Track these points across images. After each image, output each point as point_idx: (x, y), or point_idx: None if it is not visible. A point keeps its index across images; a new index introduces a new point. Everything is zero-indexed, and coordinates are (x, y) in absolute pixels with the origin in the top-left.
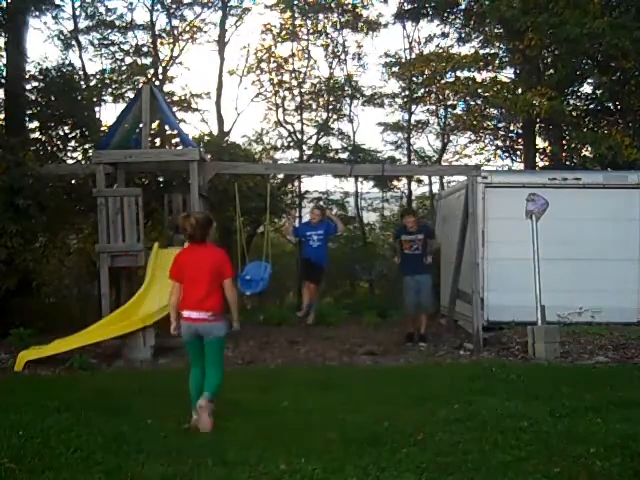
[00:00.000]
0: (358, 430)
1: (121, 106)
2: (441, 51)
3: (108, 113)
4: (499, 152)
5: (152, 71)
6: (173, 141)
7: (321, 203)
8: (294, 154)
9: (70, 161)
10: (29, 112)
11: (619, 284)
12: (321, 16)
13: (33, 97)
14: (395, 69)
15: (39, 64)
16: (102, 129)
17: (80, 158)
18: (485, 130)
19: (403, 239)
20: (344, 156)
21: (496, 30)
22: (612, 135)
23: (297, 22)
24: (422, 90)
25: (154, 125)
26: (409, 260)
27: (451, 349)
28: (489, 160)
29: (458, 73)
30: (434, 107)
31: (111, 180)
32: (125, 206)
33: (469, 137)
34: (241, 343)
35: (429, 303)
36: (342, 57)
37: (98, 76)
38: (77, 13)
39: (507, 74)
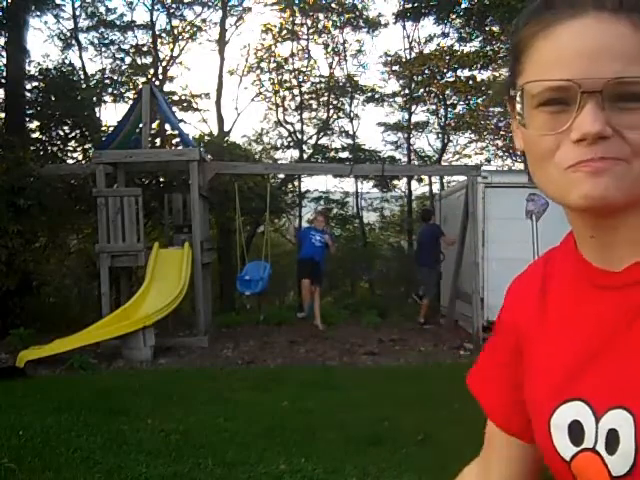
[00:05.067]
0: (358, 430)
1: (121, 106)
2: (442, 50)
3: (108, 113)
4: (499, 152)
5: (152, 71)
6: (173, 141)
7: (321, 202)
8: (294, 154)
9: (70, 161)
10: (29, 112)
11: None
12: (321, 15)
13: (33, 97)
14: (395, 68)
15: (39, 64)
16: (102, 129)
17: (80, 158)
18: (486, 130)
19: None
20: (344, 156)
21: (495, 28)
22: None
23: (297, 21)
24: (422, 90)
25: (154, 125)
26: None
27: (451, 349)
28: (489, 160)
29: (458, 72)
30: (434, 107)
31: (111, 180)
32: (125, 206)
33: (469, 137)
34: (241, 343)
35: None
36: (342, 56)
37: (98, 76)
38: (77, 13)
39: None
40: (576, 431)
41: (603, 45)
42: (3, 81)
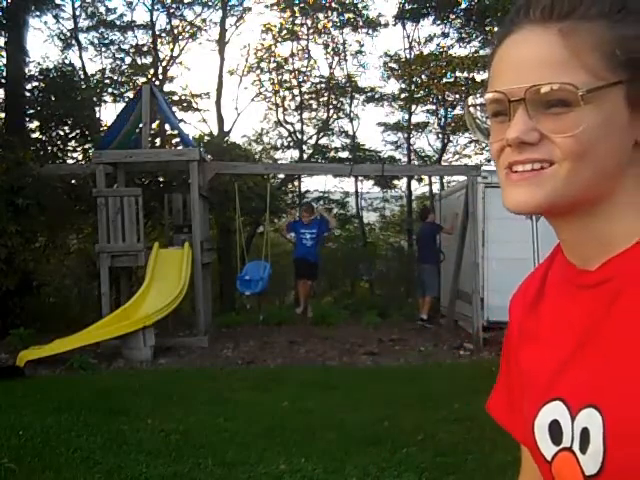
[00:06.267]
0: (358, 430)
1: (121, 106)
2: (440, 52)
3: (108, 113)
4: None
5: (152, 71)
6: (173, 141)
7: (321, 202)
8: (294, 154)
9: (70, 161)
10: (29, 112)
11: None
12: (321, 15)
13: (33, 97)
14: (394, 66)
15: (39, 64)
16: (102, 129)
17: (80, 158)
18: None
19: None
20: (344, 155)
21: (496, 29)
22: None
23: (297, 21)
24: (422, 91)
25: (154, 125)
26: None
27: (451, 349)
28: (489, 160)
29: (458, 73)
30: (434, 107)
31: (111, 180)
32: (125, 206)
33: (469, 137)
34: (241, 343)
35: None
36: (342, 56)
37: (98, 76)
38: (77, 13)
39: None
40: (555, 431)
41: (526, 55)
42: (3, 81)
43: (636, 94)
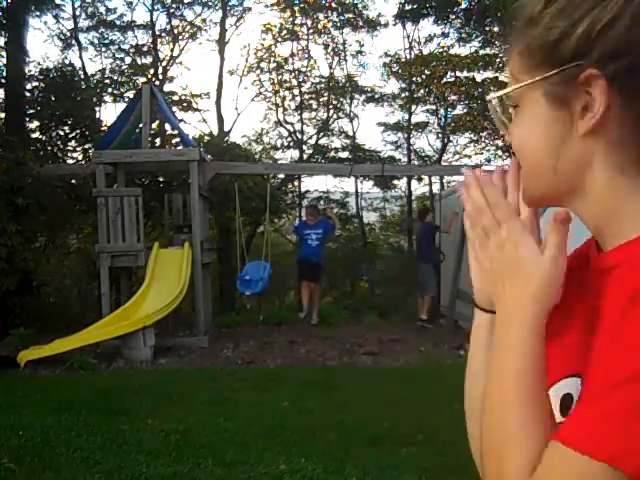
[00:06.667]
0: (358, 430)
1: (121, 106)
2: (441, 51)
3: (108, 113)
4: (499, 152)
5: (152, 71)
6: (173, 141)
7: (321, 202)
8: (294, 154)
9: (70, 161)
10: (29, 112)
11: None
12: (321, 15)
13: (33, 97)
14: (394, 65)
15: (39, 64)
16: (102, 129)
17: (80, 158)
18: (483, 130)
19: None
20: (344, 155)
21: (496, 29)
22: None
23: (297, 21)
24: (422, 91)
25: (154, 125)
26: None
27: (451, 349)
28: (489, 160)
29: (458, 73)
30: (434, 107)
31: (111, 180)
32: (125, 206)
33: (469, 137)
34: (241, 343)
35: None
36: (342, 56)
37: (98, 76)
38: (77, 13)
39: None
40: (567, 403)
41: None
42: (3, 81)
43: (554, 90)
